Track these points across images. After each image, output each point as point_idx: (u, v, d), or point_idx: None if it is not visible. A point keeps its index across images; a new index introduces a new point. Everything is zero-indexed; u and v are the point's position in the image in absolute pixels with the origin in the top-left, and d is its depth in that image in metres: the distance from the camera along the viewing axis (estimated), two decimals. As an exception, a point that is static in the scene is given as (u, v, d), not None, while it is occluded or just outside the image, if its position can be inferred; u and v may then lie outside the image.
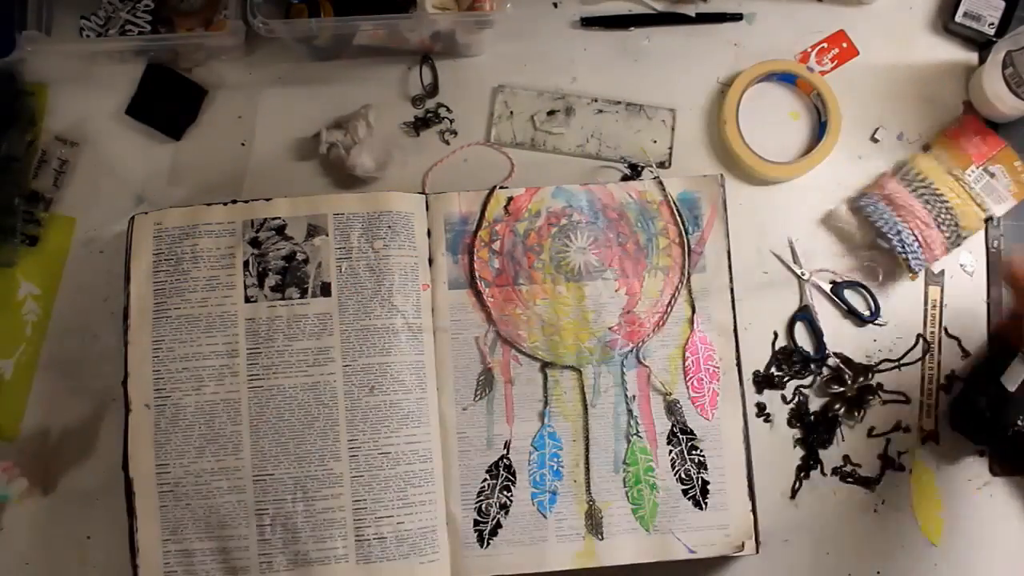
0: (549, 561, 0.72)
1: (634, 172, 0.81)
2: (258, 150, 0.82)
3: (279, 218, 0.74)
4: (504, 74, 0.83)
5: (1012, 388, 0.73)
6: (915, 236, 0.76)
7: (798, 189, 0.81)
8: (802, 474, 0.76)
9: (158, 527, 0.70)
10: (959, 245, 0.78)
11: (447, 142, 0.82)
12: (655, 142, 0.82)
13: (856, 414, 0.76)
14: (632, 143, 0.82)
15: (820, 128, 0.81)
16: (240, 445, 0.71)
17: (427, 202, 0.77)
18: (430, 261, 0.76)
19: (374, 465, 0.71)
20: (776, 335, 0.78)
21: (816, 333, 0.77)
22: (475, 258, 0.76)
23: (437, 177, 0.81)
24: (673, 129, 0.82)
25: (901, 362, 0.78)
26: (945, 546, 0.75)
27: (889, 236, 0.77)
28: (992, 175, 0.78)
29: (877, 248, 0.78)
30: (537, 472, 0.73)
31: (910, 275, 0.77)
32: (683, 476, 0.73)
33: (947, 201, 0.77)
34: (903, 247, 0.76)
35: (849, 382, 0.76)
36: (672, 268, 0.76)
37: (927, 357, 0.78)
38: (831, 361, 0.77)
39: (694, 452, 0.73)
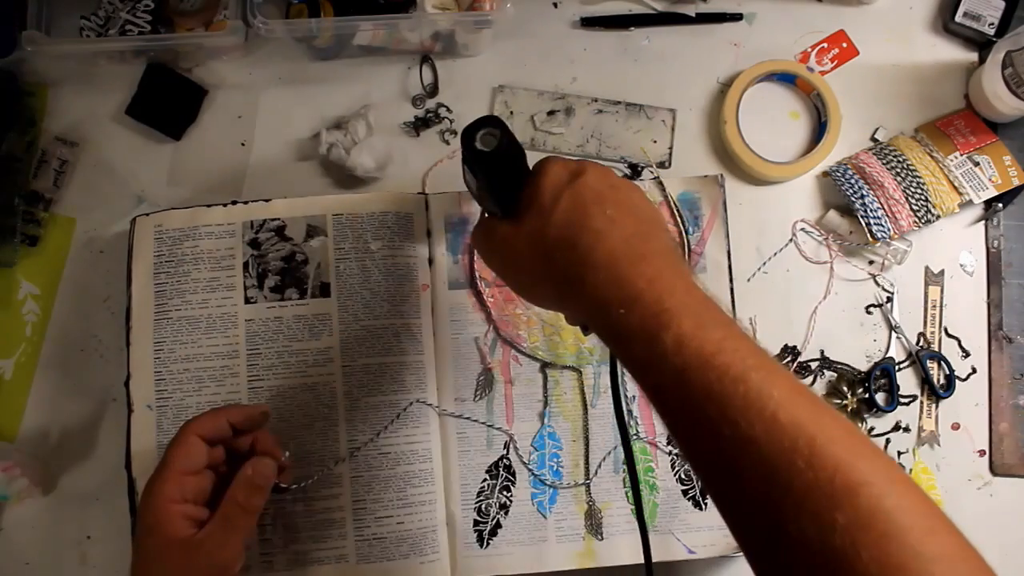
0: (549, 561, 0.72)
1: (634, 172, 0.81)
2: (258, 150, 0.81)
3: (278, 219, 0.74)
4: (504, 74, 0.83)
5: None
6: (880, 204, 0.76)
7: (798, 189, 0.81)
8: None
9: (158, 527, 0.70)
10: (931, 223, 0.78)
11: (447, 142, 0.82)
12: (655, 142, 0.82)
13: (859, 425, 0.76)
14: (632, 143, 0.82)
15: (820, 128, 0.81)
16: (240, 445, 0.71)
17: (427, 202, 0.77)
18: (430, 261, 0.76)
19: (374, 465, 0.71)
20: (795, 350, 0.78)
21: (893, 388, 0.77)
22: (475, 258, 0.76)
23: (437, 177, 0.81)
24: (673, 129, 0.82)
25: (900, 365, 0.78)
26: (945, 546, 0.75)
27: (852, 199, 0.77)
28: (976, 164, 0.78)
29: (854, 217, 0.78)
30: (537, 472, 0.73)
31: (871, 240, 0.77)
32: (683, 476, 0.73)
33: (920, 178, 0.77)
34: (865, 211, 0.77)
35: (849, 395, 0.76)
36: (672, 268, 0.76)
37: (927, 358, 0.78)
38: (829, 374, 0.78)
39: (694, 452, 0.73)
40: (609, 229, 0.50)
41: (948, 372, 0.77)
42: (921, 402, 0.78)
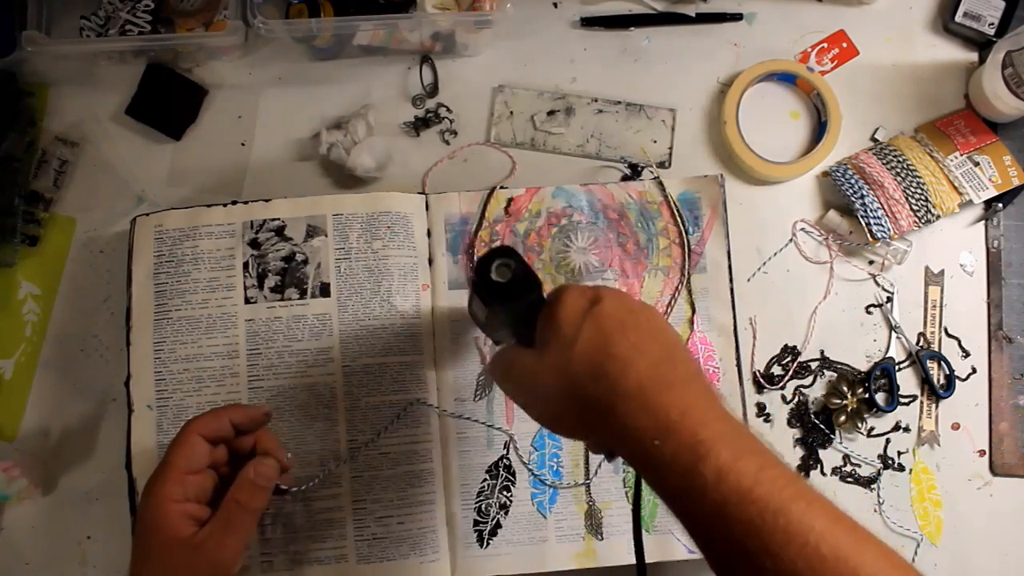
0: (549, 561, 0.72)
1: (634, 172, 0.81)
2: (258, 150, 0.81)
3: (278, 219, 0.74)
4: (504, 74, 0.83)
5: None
6: (880, 204, 0.76)
7: (798, 189, 0.81)
8: (802, 474, 0.76)
9: (158, 527, 0.70)
10: (931, 223, 0.78)
11: (447, 142, 0.82)
12: (655, 142, 0.82)
13: (859, 425, 0.76)
14: (632, 143, 0.82)
15: (820, 128, 0.81)
16: (240, 446, 0.71)
17: (427, 202, 0.77)
18: (430, 261, 0.76)
19: (374, 465, 0.71)
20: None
21: (893, 388, 0.77)
22: (474, 258, 0.76)
23: (437, 177, 0.81)
24: (673, 129, 0.82)
25: (900, 366, 0.78)
26: (945, 546, 0.75)
27: (852, 199, 0.77)
28: (976, 164, 0.78)
29: (854, 217, 0.78)
30: (537, 472, 0.73)
31: (871, 240, 0.77)
32: (683, 476, 0.73)
33: (920, 178, 0.77)
34: (865, 211, 0.76)
35: (849, 396, 0.76)
36: (672, 268, 0.76)
37: (927, 358, 0.78)
38: (829, 374, 0.78)
39: (694, 452, 0.73)
40: (634, 356, 0.49)
41: (948, 372, 0.77)
42: (921, 402, 0.77)
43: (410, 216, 0.76)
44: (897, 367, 0.77)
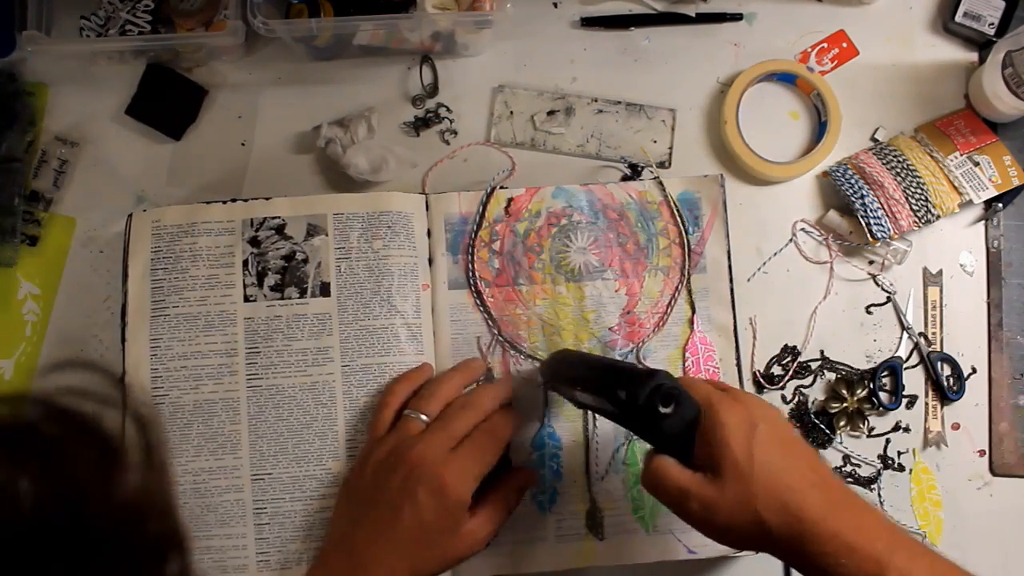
0: (549, 560, 0.72)
1: (634, 172, 0.81)
2: (258, 150, 0.81)
3: (278, 217, 0.74)
4: (504, 74, 0.83)
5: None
6: (880, 204, 0.76)
7: (798, 189, 0.81)
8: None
9: (157, 527, 0.70)
10: (930, 223, 0.77)
11: (447, 142, 0.82)
12: (655, 142, 0.82)
13: (861, 426, 0.76)
14: (632, 143, 0.81)
15: (820, 128, 0.81)
16: (238, 444, 0.71)
17: (427, 202, 0.77)
18: (430, 261, 0.76)
19: (373, 465, 0.71)
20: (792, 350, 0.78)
21: (898, 388, 0.77)
22: (475, 258, 0.76)
23: (437, 177, 0.81)
24: (673, 129, 0.82)
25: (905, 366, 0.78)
26: (945, 546, 0.75)
27: (852, 199, 0.77)
28: (976, 164, 0.78)
29: (854, 217, 0.78)
30: (537, 472, 0.73)
31: (871, 240, 0.77)
32: (683, 476, 0.73)
33: (920, 178, 0.77)
34: (865, 211, 0.76)
35: (849, 397, 0.76)
36: (672, 268, 0.76)
37: (937, 359, 0.77)
38: (829, 374, 0.77)
39: (694, 452, 0.73)
40: (806, 487, 0.55)
41: (959, 374, 0.77)
42: (926, 403, 0.77)
43: (410, 216, 0.75)
44: (904, 367, 0.77)
